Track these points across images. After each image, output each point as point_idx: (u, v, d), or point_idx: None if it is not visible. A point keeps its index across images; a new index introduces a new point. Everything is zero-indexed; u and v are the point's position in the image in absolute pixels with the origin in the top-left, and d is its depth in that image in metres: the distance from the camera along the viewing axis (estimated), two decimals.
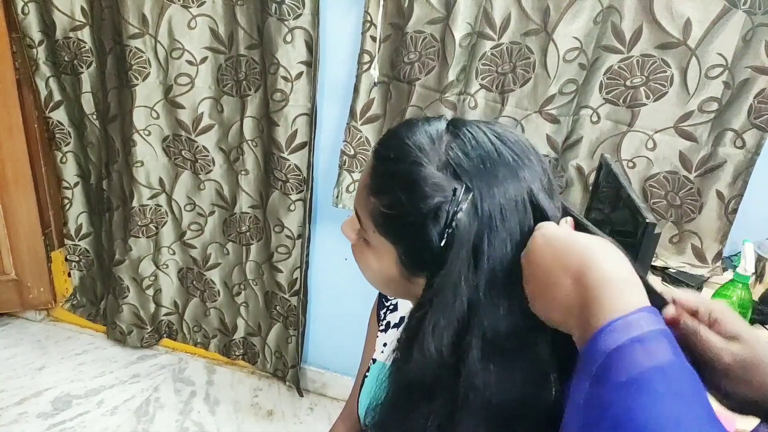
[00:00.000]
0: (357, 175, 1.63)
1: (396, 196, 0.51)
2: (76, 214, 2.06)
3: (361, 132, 1.58)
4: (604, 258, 0.44)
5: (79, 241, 2.10)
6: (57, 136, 1.92)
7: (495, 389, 0.50)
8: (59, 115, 1.90)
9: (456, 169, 0.50)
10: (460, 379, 0.50)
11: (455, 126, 0.53)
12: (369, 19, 1.46)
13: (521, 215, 0.50)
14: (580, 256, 0.44)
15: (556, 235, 0.47)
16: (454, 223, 0.48)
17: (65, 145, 1.94)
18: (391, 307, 0.81)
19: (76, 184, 2.01)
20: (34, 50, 1.78)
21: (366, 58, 1.50)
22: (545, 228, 0.48)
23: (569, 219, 0.51)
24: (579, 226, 0.51)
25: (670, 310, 0.48)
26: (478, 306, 0.49)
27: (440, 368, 0.51)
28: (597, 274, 0.42)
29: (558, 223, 0.50)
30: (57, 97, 1.87)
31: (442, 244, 0.49)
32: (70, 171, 1.99)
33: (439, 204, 0.49)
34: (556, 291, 0.45)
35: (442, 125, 0.53)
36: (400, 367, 0.55)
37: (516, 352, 0.50)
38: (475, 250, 0.49)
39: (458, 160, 0.50)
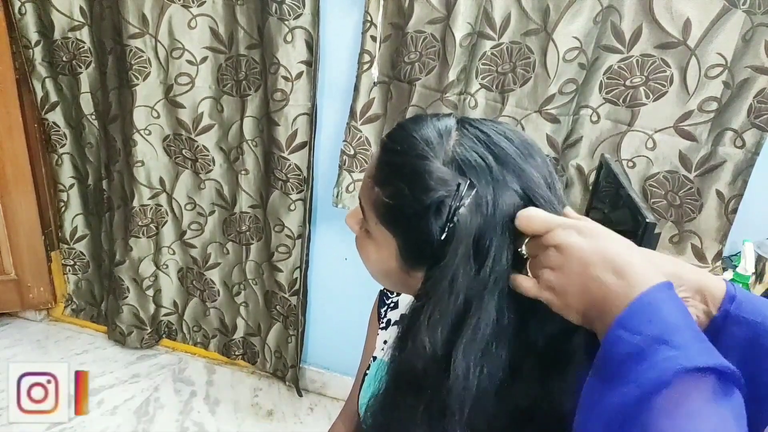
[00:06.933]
0: (357, 175, 1.63)
1: (399, 187, 0.51)
2: (71, 216, 2.05)
3: (361, 132, 1.58)
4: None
5: (74, 244, 2.10)
6: (53, 138, 1.92)
7: (490, 389, 0.49)
8: (55, 117, 1.89)
9: (462, 164, 0.50)
10: (450, 375, 0.50)
11: (464, 124, 0.53)
12: (369, 19, 1.46)
13: None
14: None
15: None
16: (455, 218, 0.48)
17: (61, 147, 1.94)
18: (392, 304, 0.81)
19: (71, 186, 2.01)
20: (31, 51, 1.78)
21: (366, 57, 1.50)
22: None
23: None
24: None
25: None
26: (474, 303, 0.49)
27: (430, 362, 0.50)
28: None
29: None
30: (53, 98, 1.87)
31: (443, 238, 0.49)
32: (65, 173, 1.98)
33: (442, 198, 0.49)
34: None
35: (451, 122, 0.53)
36: (394, 358, 0.55)
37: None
38: (475, 246, 0.49)
39: (464, 157, 0.50)
